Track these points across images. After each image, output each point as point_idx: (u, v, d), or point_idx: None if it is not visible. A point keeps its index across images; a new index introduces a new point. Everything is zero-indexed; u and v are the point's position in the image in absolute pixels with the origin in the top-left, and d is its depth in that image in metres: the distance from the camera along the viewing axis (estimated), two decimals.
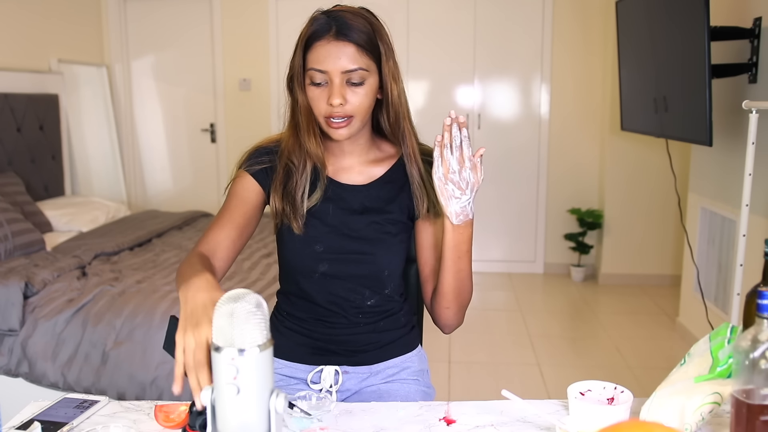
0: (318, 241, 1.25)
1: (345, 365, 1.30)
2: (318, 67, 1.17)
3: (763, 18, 2.63)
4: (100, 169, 4.58)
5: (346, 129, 1.20)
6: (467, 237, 1.19)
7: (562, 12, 4.45)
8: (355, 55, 1.17)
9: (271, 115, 4.73)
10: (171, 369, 2.16)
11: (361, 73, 1.17)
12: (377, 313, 1.30)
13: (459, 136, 1.11)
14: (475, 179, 1.13)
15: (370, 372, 1.31)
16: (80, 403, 1.10)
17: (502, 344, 3.41)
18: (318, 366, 1.30)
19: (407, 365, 1.34)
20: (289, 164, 1.26)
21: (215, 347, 0.78)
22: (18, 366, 2.29)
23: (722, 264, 3.08)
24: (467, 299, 1.27)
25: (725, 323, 1.01)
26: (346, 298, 1.27)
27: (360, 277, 1.27)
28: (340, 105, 1.17)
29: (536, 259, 4.74)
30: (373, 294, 1.28)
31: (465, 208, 1.14)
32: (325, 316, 1.29)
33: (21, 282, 2.37)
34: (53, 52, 4.04)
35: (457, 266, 1.21)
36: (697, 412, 0.93)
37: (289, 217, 1.25)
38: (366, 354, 1.30)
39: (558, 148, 4.60)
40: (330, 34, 1.17)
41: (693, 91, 2.64)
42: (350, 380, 1.31)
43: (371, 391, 1.30)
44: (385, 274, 1.28)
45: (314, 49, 1.18)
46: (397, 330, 1.33)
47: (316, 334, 1.29)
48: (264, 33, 4.68)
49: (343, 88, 1.17)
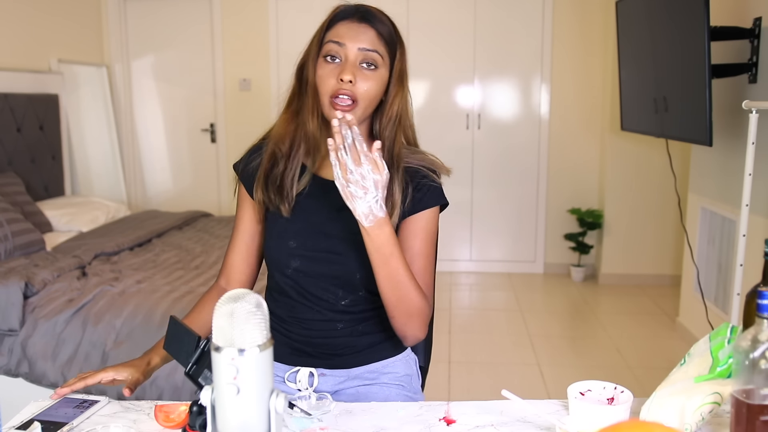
0: (292, 237, 1.25)
1: (321, 368, 1.28)
2: (336, 39, 1.18)
3: (763, 18, 2.63)
4: (100, 169, 4.58)
5: (348, 114, 1.19)
6: (386, 238, 1.10)
7: (562, 12, 4.45)
8: (374, 39, 1.19)
9: (272, 115, 4.69)
10: (171, 369, 2.16)
11: (375, 56, 1.18)
12: (353, 314, 1.26)
13: (350, 135, 1.05)
14: (379, 176, 1.06)
15: (348, 375, 1.29)
16: (80, 403, 1.10)
17: (502, 344, 3.41)
18: (295, 367, 1.29)
19: (389, 370, 1.31)
20: (275, 150, 1.25)
21: (215, 347, 0.78)
22: (18, 366, 2.29)
23: (722, 264, 3.08)
24: (415, 307, 1.16)
25: (725, 323, 1.01)
26: (319, 296, 1.25)
27: (332, 276, 1.24)
28: (350, 83, 1.15)
29: (536, 259, 4.74)
30: (347, 294, 1.25)
31: (372, 207, 1.07)
32: (301, 313, 1.27)
33: (21, 282, 2.37)
34: (53, 52, 4.04)
35: (386, 270, 1.13)
36: (697, 412, 0.93)
37: (274, 202, 1.24)
38: (342, 358, 1.28)
39: (558, 148, 4.60)
40: (355, 17, 1.20)
41: (693, 91, 2.64)
42: (326, 382, 1.29)
43: (349, 394, 1.29)
44: (357, 276, 1.23)
45: (336, 27, 1.20)
46: (378, 334, 1.29)
47: (294, 335, 1.28)
48: (264, 33, 4.68)
49: (355, 68, 1.17)
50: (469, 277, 4.66)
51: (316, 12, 1.28)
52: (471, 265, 4.77)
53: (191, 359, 0.97)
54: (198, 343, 0.97)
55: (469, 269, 4.77)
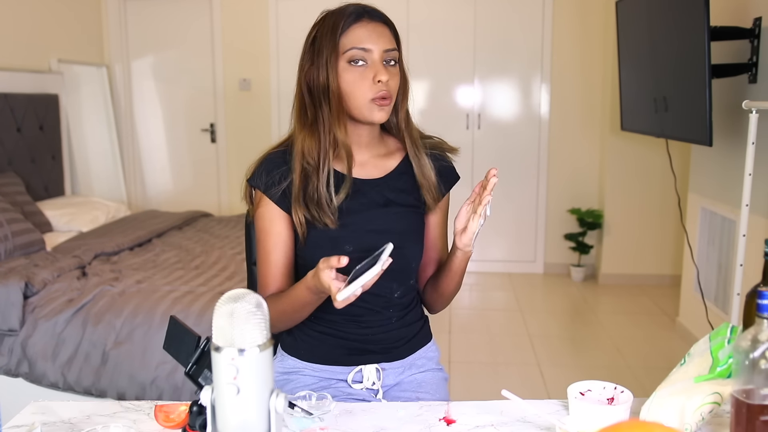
0: (347, 242, 1.24)
1: (382, 362, 1.32)
2: (360, 45, 1.19)
3: (763, 18, 2.63)
4: (100, 169, 4.58)
5: (388, 108, 1.23)
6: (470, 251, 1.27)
7: (562, 12, 4.45)
8: (390, 36, 1.23)
9: (271, 115, 4.73)
10: (171, 369, 2.16)
11: (396, 54, 1.23)
12: (404, 306, 1.33)
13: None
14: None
15: (404, 366, 1.34)
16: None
17: (502, 344, 3.41)
18: (356, 366, 1.31)
19: (431, 354, 1.39)
20: (305, 166, 1.23)
21: (215, 347, 0.78)
22: (18, 366, 2.29)
23: (722, 264, 3.08)
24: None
25: (725, 323, 1.01)
26: (376, 293, 1.24)
27: (389, 271, 1.24)
28: (387, 81, 1.20)
29: (536, 259, 4.74)
30: (400, 286, 1.31)
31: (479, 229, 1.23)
32: (356, 315, 1.28)
33: (21, 282, 2.37)
34: (53, 52, 4.04)
35: (461, 277, 1.32)
36: (697, 412, 0.93)
37: (319, 218, 1.23)
38: (398, 349, 1.34)
39: (558, 148, 4.60)
40: (365, 18, 1.21)
41: (693, 91, 2.64)
42: (388, 376, 1.33)
43: (409, 381, 1.34)
44: (412, 265, 1.32)
45: (351, 32, 1.20)
46: (419, 321, 1.38)
47: (352, 335, 1.30)
48: (264, 33, 4.68)
49: (384, 67, 1.20)
50: (469, 277, 4.64)
51: (316, 12, 1.27)
52: (471, 265, 4.72)
53: (191, 359, 0.97)
54: (198, 343, 0.97)
55: (469, 269, 4.71)
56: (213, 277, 2.62)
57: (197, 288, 2.47)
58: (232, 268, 2.76)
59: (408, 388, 1.33)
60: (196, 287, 2.48)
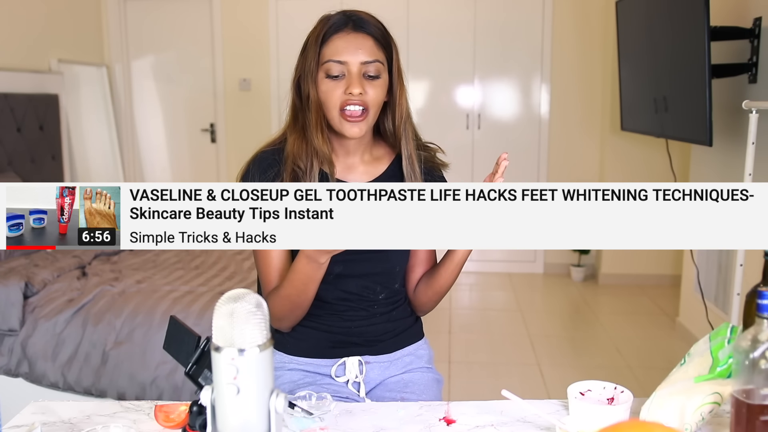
0: None
1: (366, 355, 1.33)
2: (336, 58, 1.18)
3: (763, 18, 2.63)
4: (100, 169, 4.58)
5: (363, 123, 1.20)
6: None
7: (562, 12, 4.45)
8: (372, 48, 1.20)
9: (272, 115, 4.73)
10: (171, 369, 2.16)
11: (377, 66, 1.20)
12: (389, 304, 1.34)
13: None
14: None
15: (390, 361, 1.34)
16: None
17: (502, 344, 3.41)
18: (339, 359, 1.32)
19: (420, 353, 1.39)
20: (295, 169, 1.25)
21: (215, 347, 0.78)
22: (18, 366, 2.29)
23: (722, 264, 3.08)
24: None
25: (725, 323, 1.01)
26: (359, 294, 1.29)
27: (373, 274, 1.29)
28: (360, 94, 1.18)
29: (536, 259, 4.74)
30: (384, 289, 1.32)
31: None
32: (339, 311, 1.30)
33: (21, 282, 2.37)
34: (53, 52, 4.04)
35: (460, 270, 1.31)
36: (697, 412, 0.93)
37: None
38: (384, 343, 1.34)
39: (558, 148, 4.60)
40: (348, 27, 1.20)
41: (693, 91, 2.64)
42: (373, 370, 1.33)
43: (395, 381, 1.34)
44: (396, 270, 1.32)
45: (331, 42, 1.19)
46: (407, 318, 1.38)
47: (335, 328, 1.31)
48: (264, 33, 4.68)
49: (360, 80, 1.18)
50: (469, 277, 4.65)
51: (316, 12, 1.27)
52: (471, 265, 4.77)
53: (191, 359, 0.97)
54: (198, 343, 0.97)
55: (469, 269, 4.76)
56: (213, 277, 2.63)
57: (197, 288, 2.47)
58: (232, 268, 2.76)
59: (393, 388, 1.32)
60: (196, 287, 2.48)
